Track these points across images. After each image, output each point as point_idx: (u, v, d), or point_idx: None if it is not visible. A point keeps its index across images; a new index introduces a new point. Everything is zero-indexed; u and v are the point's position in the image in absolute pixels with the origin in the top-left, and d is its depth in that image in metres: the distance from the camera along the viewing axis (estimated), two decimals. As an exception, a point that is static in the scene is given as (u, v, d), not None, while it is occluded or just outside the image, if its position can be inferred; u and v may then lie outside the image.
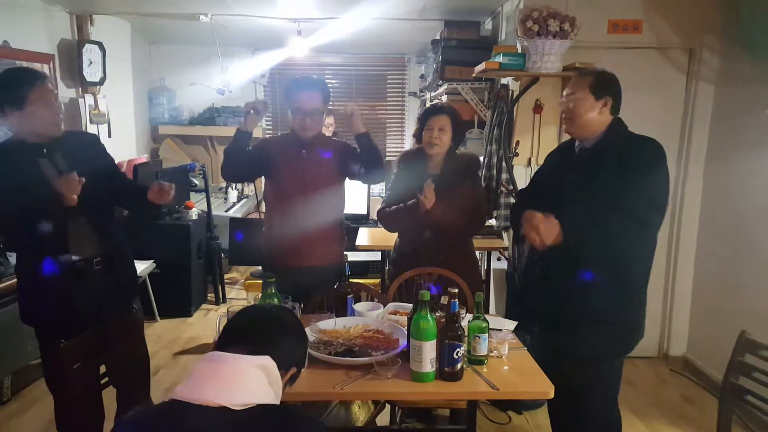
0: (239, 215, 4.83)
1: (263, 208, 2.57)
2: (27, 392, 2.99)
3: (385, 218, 2.49)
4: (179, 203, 4.31)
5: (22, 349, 2.80)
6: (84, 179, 1.82)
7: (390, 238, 3.62)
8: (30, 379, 3.07)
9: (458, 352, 1.59)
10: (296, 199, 2.31)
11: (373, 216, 4.00)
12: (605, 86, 1.87)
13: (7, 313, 2.64)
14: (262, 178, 2.48)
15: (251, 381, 1.07)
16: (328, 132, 4.88)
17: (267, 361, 1.10)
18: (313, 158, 2.32)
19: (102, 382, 1.95)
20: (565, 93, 1.94)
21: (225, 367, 1.07)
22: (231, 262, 4.40)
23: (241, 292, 4.76)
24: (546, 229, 1.71)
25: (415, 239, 2.43)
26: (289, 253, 2.33)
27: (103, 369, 1.96)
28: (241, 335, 1.15)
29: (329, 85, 2.49)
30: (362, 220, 3.93)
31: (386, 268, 3.93)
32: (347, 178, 2.46)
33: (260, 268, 3.75)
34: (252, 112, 2.25)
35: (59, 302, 1.94)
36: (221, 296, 4.53)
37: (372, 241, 3.47)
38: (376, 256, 3.71)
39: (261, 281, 3.48)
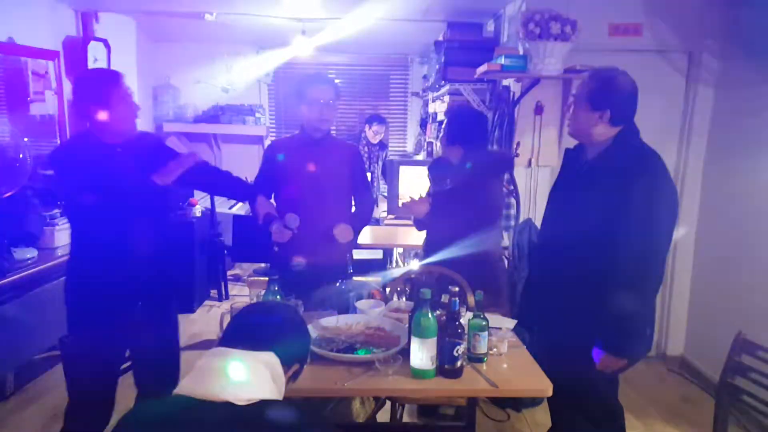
0: (242, 213, 4.87)
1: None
2: (30, 387, 3.02)
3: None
4: (183, 201, 4.35)
5: (25, 345, 2.84)
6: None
7: (392, 237, 3.68)
8: (32, 375, 3.11)
9: (458, 349, 1.62)
10: (306, 197, 2.32)
11: (376, 215, 4.04)
12: (604, 96, 1.74)
13: (11, 309, 2.66)
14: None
15: (255, 377, 1.09)
16: (375, 139, 4.98)
17: (270, 357, 1.13)
18: (324, 157, 2.34)
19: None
20: (574, 89, 1.87)
21: (229, 363, 1.09)
22: (234, 259, 4.44)
23: (243, 289, 4.79)
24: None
25: (436, 235, 2.45)
26: (297, 251, 2.32)
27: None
28: (245, 331, 1.18)
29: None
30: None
31: (387, 266, 3.97)
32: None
33: (263, 265, 3.81)
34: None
35: (108, 291, 1.95)
36: (224, 293, 4.56)
37: (374, 240, 3.51)
38: (378, 254, 3.76)
39: (264, 278, 3.53)
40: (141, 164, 1.95)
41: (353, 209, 2.50)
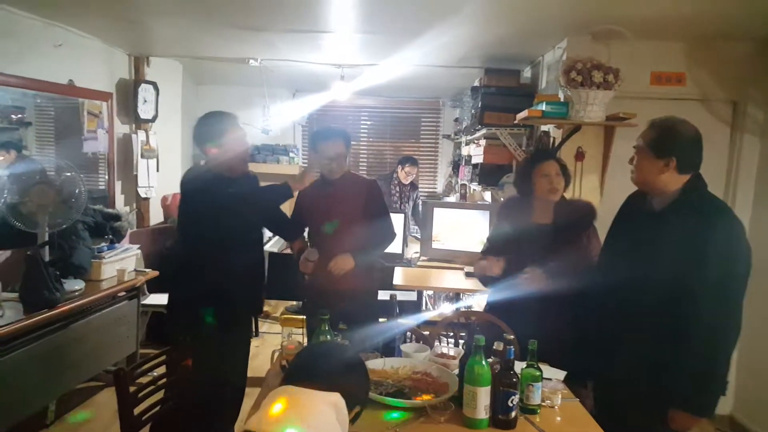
0: (275, 250, 4.91)
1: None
2: (70, 416, 3.05)
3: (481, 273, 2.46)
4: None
5: (66, 376, 2.87)
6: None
7: (425, 279, 3.65)
8: (73, 404, 3.14)
9: (513, 399, 1.58)
10: (325, 231, 2.54)
11: (408, 256, 4.04)
12: (668, 144, 1.73)
13: (54, 340, 2.69)
14: None
15: (322, 417, 1.09)
16: (407, 180, 5.06)
17: (337, 399, 1.13)
18: (338, 194, 2.55)
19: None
20: (636, 141, 1.85)
21: (298, 402, 1.09)
22: (268, 296, 4.44)
23: (273, 326, 4.79)
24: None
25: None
26: (321, 279, 2.53)
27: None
28: (311, 371, 1.18)
29: (364, 126, 2.68)
30: (397, 259, 3.96)
31: (422, 308, 3.93)
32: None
33: (295, 303, 3.82)
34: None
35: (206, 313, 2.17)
36: (254, 329, 4.56)
37: (407, 281, 3.48)
38: (413, 296, 3.72)
39: (296, 316, 3.56)
40: (248, 199, 2.21)
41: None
